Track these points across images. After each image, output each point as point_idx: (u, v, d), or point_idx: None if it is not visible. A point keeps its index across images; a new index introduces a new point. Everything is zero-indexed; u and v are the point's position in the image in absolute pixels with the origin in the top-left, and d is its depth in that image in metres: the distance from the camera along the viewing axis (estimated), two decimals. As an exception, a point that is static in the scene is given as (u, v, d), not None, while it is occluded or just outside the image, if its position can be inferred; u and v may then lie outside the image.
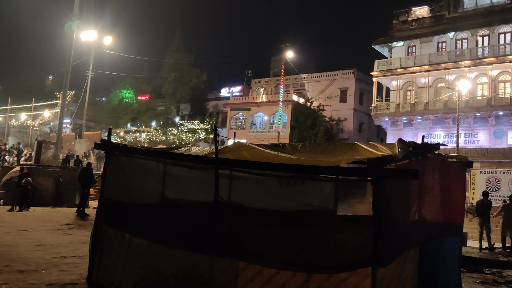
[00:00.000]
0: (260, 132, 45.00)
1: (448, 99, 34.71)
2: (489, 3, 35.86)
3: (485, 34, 35.46)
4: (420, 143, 5.30)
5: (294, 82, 48.31)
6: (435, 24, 37.88)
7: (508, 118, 33.10)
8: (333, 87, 46.20)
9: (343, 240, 4.38)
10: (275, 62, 52.35)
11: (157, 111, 55.51)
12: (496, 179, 30.80)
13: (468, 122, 34.28)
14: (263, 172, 5.03)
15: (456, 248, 6.35)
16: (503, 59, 33.20)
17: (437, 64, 36.07)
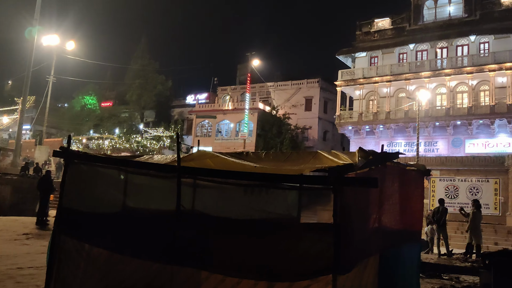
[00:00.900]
0: (226, 139, 44.93)
1: (409, 109, 35.71)
2: (447, 17, 37.24)
3: (444, 46, 36.76)
4: (380, 152, 5.43)
5: (260, 90, 48.61)
6: (396, 35, 38.99)
7: (465, 127, 34.32)
8: (299, 95, 46.75)
9: (305, 248, 4.42)
10: (241, 70, 52.56)
11: (121, 118, 54.60)
12: (454, 186, 31.90)
13: (427, 131, 35.33)
14: (226, 181, 5.03)
15: (415, 254, 6.52)
16: (461, 70, 34.49)
17: (398, 74, 37.11)
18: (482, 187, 30.78)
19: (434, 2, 37.91)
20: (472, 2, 36.16)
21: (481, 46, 35.65)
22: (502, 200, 30.00)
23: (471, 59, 34.70)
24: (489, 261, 6.89)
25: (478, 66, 33.93)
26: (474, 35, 35.17)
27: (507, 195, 29.64)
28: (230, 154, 5.73)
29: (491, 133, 33.72)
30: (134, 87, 52.23)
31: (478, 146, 34.28)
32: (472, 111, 34.02)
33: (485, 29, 34.76)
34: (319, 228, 4.67)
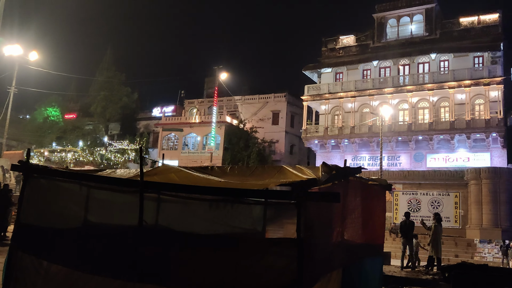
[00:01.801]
0: (192, 153, 44.62)
1: (373, 124, 36.49)
2: (409, 35, 38.48)
3: (406, 63, 37.91)
4: (343, 167, 5.53)
5: (228, 103, 48.66)
6: (360, 52, 39.95)
7: (426, 142, 35.32)
8: (266, 109, 47.06)
9: (269, 263, 4.42)
10: (209, 83, 52.51)
11: (85, 130, 53.39)
12: (417, 200, 32.67)
13: (391, 146, 36.16)
14: (190, 196, 5.00)
15: (377, 267, 6.63)
16: (422, 87, 35.60)
17: (362, 90, 37.95)
18: (443, 201, 31.65)
19: (397, 20, 39.15)
20: (433, 21, 37.55)
21: (441, 64, 36.96)
22: (462, 213, 30.92)
23: (431, 76, 35.89)
24: (448, 273, 7.08)
25: (439, 83, 35.11)
26: (435, 53, 36.45)
27: (466, 209, 30.57)
28: (195, 169, 5.71)
29: (451, 148, 34.82)
30: (99, 99, 51.29)
31: (439, 160, 35.32)
32: (433, 126, 35.09)
33: (445, 48, 36.09)
34: (283, 243, 4.69)
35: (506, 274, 7.62)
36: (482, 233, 28.62)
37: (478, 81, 33.60)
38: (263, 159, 41.75)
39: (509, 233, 28.21)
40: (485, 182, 29.57)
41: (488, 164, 32.52)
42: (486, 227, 28.95)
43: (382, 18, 39.53)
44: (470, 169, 30.89)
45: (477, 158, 33.78)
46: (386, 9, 39.40)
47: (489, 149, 33.65)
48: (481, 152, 33.89)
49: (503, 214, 28.89)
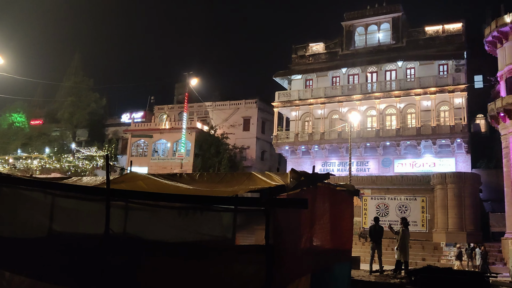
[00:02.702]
0: (162, 159, 44.13)
1: (342, 130, 36.99)
2: (377, 43, 39.26)
3: (374, 70, 38.65)
4: (311, 173, 5.59)
5: (198, 109, 48.42)
6: (330, 59, 40.51)
7: (394, 148, 36.03)
8: (237, 115, 47.05)
9: (238, 269, 4.42)
10: (179, 89, 52.12)
11: (52, 137, 52.08)
12: (385, 204, 33.23)
13: (359, 152, 36.71)
14: (158, 203, 4.96)
15: (345, 272, 6.71)
16: (389, 94, 36.35)
17: (331, 97, 38.44)
18: (410, 205, 32.31)
19: (365, 28, 39.91)
20: (399, 30, 38.45)
21: (407, 71, 37.84)
22: (428, 217, 31.63)
23: (398, 83, 36.70)
24: (415, 277, 7.22)
25: (405, 90, 35.92)
26: (401, 61, 37.31)
27: (433, 213, 31.29)
28: (163, 176, 5.66)
29: (417, 154, 35.62)
30: (66, 104, 50.17)
31: (406, 165, 36.06)
32: (400, 132, 35.83)
33: (411, 56, 36.99)
34: (252, 250, 4.70)
35: (469, 276, 7.84)
36: (448, 237, 29.33)
37: (443, 88, 34.55)
38: (234, 165, 41.68)
39: (473, 236, 29.01)
40: (451, 187, 30.36)
41: (453, 169, 33.41)
42: (451, 231, 29.68)
43: (351, 26, 40.23)
44: (436, 174, 31.67)
45: (443, 163, 34.66)
46: (354, 18, 40.11)
47: (454, 155, 34.58)
48: (446, 158, 34.80)
49: (467, 218, 29.70)
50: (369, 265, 14.98)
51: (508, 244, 26.77)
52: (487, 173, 32.80)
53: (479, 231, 29.76)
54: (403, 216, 30.40)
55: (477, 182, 30.95)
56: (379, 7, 39.49)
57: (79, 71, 53.18)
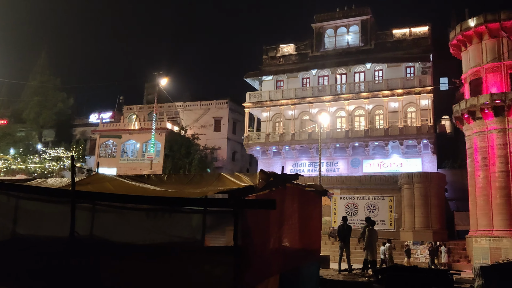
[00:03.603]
0: (132, 160, 43.54)
1: (312, 131, 37.35)
2: (346, 45, 39.83)
3: (343, 72, 39.19)
4: (280, 174, 5.63)
5: (169, 110, 48.00)
6: (300, 61, 40.84)
7: (363, 148, 36.63)
8: (208, 116, 46.89)
9: (207, 271, 4.42)
10: (149, 89, 51.51)
11: (17, 137, 50.61)
12: (354, 204, 33.73)
13: (329, 152, 37.15)
14: (125, 205, 4.90)
15: (314, 272, 6.79)
16: (358, 95, 36.94)
17: (302, 98, 38.78)
18: (378, 205, 32.92)
19: (334, 30, 40.43)
20: (368, 32, 39.12)
21: (376, 73, 38.55)
22: (396, 216, 32.29)
23: (367, 85, 37.34)
24: (382, 276, 7.36)
25: (373, 92, 36.59)
26: (370, 63, 37.97)
27: (400, 212, 31.96)
28: (131, 177, 5.60)
29: (385, 154, 36.33)
30: (32, 104, 48.90)
31: (374, 166, 36.72)
32: (368, 133, 36.46)
33: (379, 58, 37.68)
34: (221, 251, 4.71)
35: (433, 274, 8.06)
36: (415, 235, 30.00)
37: (410, 90, 35.34)
38: (205, 166, 41.50)
39: (439, 234, 29.80)
40: (417, 186, 31.08)
41: (420, 169, 34.21)
42: (418, 229, 30.38)
43: (320, 28, 40.67)
44: (403, 174, 32.36)
45: (410, 164, 35.45)
46: (324, 20, 40.56)
47: (421, 155, 35.43)
48: (413, 158, 35.61)
49: (433, 217, 30.47)
50: (338, 264, 15.19)
51: (472, 242, 27.63)
52: (452, 173, 33.73)
53: (444, 230, 30.59)
54: (371, 215, 31.07)
55: (442, 182, 31.81)
56: (348, 10, 40.08)
57: (46, 70, 51.95)
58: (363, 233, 14.81)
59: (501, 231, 26.34)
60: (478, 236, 27.28)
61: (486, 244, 26.66)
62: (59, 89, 50.56)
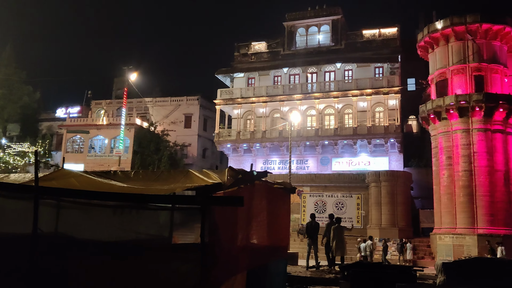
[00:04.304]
0: (99, 156, 42.78)
1: (283, 129, 37.57)
2: (317, 44, 40.20)
3: (314, 71, 39.54)
4: (249, 171, 5.65)
5: (138, 105, 47.34)
6: (272, 59, 40.97)
7: (332, 147, 37.09)
8: (178, 112, 46.49)
9: (174, 268, 4.40)
10: (118, 84, 50.70)
11: (-21, 132, 48.95)
12: (322, 201, 34.13)
13: (299, 150, 37.46)
14: (91, 202, 4.82)
15: (281, 269, 6.85)
16: (328, 94, 37.36)
17: (273, 96, 38.93)
18: (346, 202, 33.43)
19: (306, 29, 40.73)
20: (338, 32, 39.58)
21: (345, 73, 39.06)
22: (363, 214, 32.87)
23: (337, 84, 37.80)
24: (347, 272, 7.50)
25: (343, 91, 37.08)
26: (340, 62, 38.43)
27: (367, 209, 32.55)
28: (97, 173, 5.51)
29: (354, 153, 36.89)
30: (-4, 98, 47.40)
31: (343, 164, 37.24)
32: (338, 132, 36.94)
33: (349, 58, 38.19)
34: (188, 248, 4.70)
35: (397, 270, 8.25)
36: (381, 232, 30.62)
37: (378, 90, 35.99)
38: (175, 163, 41.16)
39: (405, 232, 30.50)
40: (384, 185, 31.71)
41: (387, 168, 34.89)
42: (385, 227, 31.03)
43: (292, 26, 40.90)
44: (371, 172, 32.96)
45: (377, 162, 36.11)
46: (295, 18, 40.80)
47: (388, 154, 36.14)
48: (380, 157, 36.29)
49: (399, 214, 31.17)
50: (306, 261, 15.36)
51: (436, 239, 28.41)
52: (418, 171, 34.56)
53: (410, 227, 31.34)
54: (339, 213, 31.54)
55: (408, 180, 32.56)
56: (319, 9, 40.45)
57: (11, 62, 50.31)
58: (328, 231, 14.99)
59: (464, 228, 27.18)
60: (442, 233, 28.08)
61: (449, 241, 27.47)
62: (25, 82, 49.15)
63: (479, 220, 26.97)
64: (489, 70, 29.00)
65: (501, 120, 28.15)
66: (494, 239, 25.38)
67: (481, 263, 7.97)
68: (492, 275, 7.17)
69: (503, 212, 27.12)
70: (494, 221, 26.85)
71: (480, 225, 26.89)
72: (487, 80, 28.86)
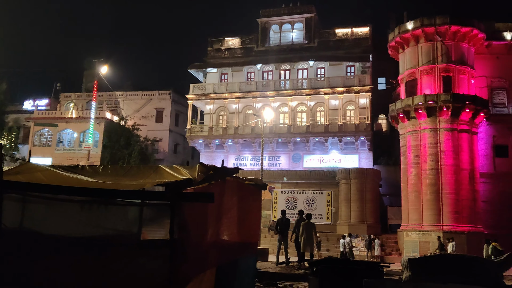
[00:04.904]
0: (68, 150, 41.90)
1: (255, 125, 37.62)
2: (290, 42, 40.37)
3: (287, 68, 39.70)
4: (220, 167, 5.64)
5: (108, 99, 46.52)
6: (245, 55, 40.91)
7: (304, 144, 37.38)
8: (149, 106, 45.93)
9: (142, 264, 4.36)
10: (88, 77, 49.64)
11: None
12: (294, 198, 34.43)
13: (271, 147, 37.61)
14: (58, 197, 4.72)
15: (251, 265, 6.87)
16: (301, 92, 37.60)
17: (246, 92, 38.91)
18: (317, 199, 33.82)
19: (279, 26, 40.83)
20: (312, 30, 39.85)
21: (318, 71, 39.37)
22: (333, 210, 33.33)
23: (309, 82, 38.09)
24: (316, 268, 7.58)
25: (316, 89, 37.38)
26: (313, 60, 38.72)
27: (337, 206, 33.02)
28: (64, 168, 5.40)
29: (325, 150, 37.29)
30: (-41, 88, 45.81)
31: (314, 161, 37.60)
32: (309, 129, 37.26)
33: (322, 56, 38.50)
34: (157, 244, 4.66)
35: (365, 266, 8.40)
36: (350, 229, 31.05)
37: (350, 89, 36.45)
38: (146, 158, 40.70)
39: (373, 228, 31.10)
40: (354, 182, 32.21)
41: (357, 165, 35.42)
42: (354, 223, 31.54)
43: (266, 23, 40.93)
44: (341, 170, 33.41)
45: (347, 160, 36.61)
46: (269, 15, 40.84)
47: (358, 152, 36.68)
48: (351, 154, 36.79)
49: (368, 211, 31.74)
50: (276, 257, 15.45)
51: (403, 235, 29.05)
52: (387, 169, 35.22)
53: (378, 224, 31.96)
54: (310, 209, 31.88)
55: (377, 178, 33.17)
56: (293, 7, 40.60)
57: (-25, 52, 48.66)
58: (297, 227, 15.12)
59: (430, 225, 27.88)
60: (409, 230, 28.72)
61: (416, 237, 28.14)
62: (-10, 73, 47.60)
63: (445, 217, 27.71)
64: (457, 71, 29.77)
65: (467, 120, 28.96)
66: (458, 236, 26.17)
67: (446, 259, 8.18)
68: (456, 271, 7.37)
69: (468, 209, 27.94)
70: (459, 218, 27.64)
71: (445, 222, 27.63)
72: (454, 81, 29.61)
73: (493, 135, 31.25)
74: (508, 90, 31.73)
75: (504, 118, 31.31)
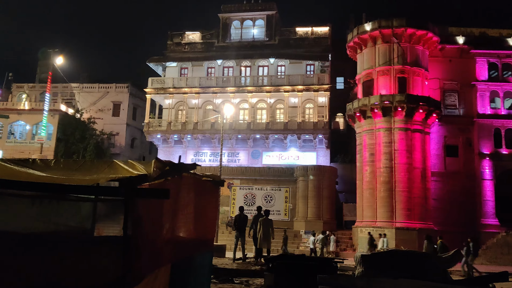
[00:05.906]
0: (20, 142, 40.37)
1: (215, 121, 37.51)
2: (251, 38, 40.42)
3: (248, 65, 39.75)
4: (177, 163, 5.58)
5: (63, 90, 45.11)
6: (206, 50, 40.64)
7: (263, 141, 37.59)
8: (106, 99, 44.86)
9: (95, 261, 4.26)
10: (42, 68, 47.87)
11: None
12: (252, 194, 34.58)
13: (231, 143, 37.59)
14: (6, 191, 4.55)
15: (206, 261, 6.85)
16: (261, 89, 37.77)
17: (206, 87, 38.69)
18: (275, 195, 34.11)
19: (241, 23, 40.79)
20: (273, 27, 40.05)
21: (278, 68, 39.65)
22: (291, 207, 33.72)
23: (270, 79, 38.31)
24: (272, 264, 7.66)
25: (276, 86, 37.66)
26: (273, 58, 38.93)
27: (295, 203, 33.43)
28: (13, 161, 5.19)
29: (284, 147, 37.65)
30: None
31: (273, 158, 37.90)
32: (269, 126, 37.50)
33: (282, 54, 38.79)
34: (110, 240, 4.57)
35: (319, 262, 8.56)
36: (307, 225, 31.58)
37: (309, 87, 36.94)
38: (101, 152, 39.78)
39: (329, 224, 31.68)
40: (311, 179, 32.71)
41: (315, 163, 35.99)
42: (310, 219, 32.03)
43: (227, 19, 40.80)
44: (299, 167, 33.84)
45: (306, 157, 37.13)
46: (231, 11, 40.73)
47: (316, 149, 37.26)
48: (309, 152, 37.33)
49: (325, 208, 32.32)
50: (233, 253, 15.50)
51: (357, 231, 29.76)
52: (343, 167, 35.97)
53: (334, 220, 32.60)
54: (268, 205, 32.14)
55: (334, 175, 33.81)
56: (254, 3, 40.68)
57: None
58: (255, 223, 15.19)
59: (384, 222, 28.70)
60: (363, 226, 29.46)
61: (370, 234, 28.87)
62: None
63: (397, 214, 28.60)
64: (412, 72, 30.71)
65: (420, 121, 29.95)
66: (409, 232, 27.10)
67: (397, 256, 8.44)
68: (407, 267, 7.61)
69: (419, 207, 28.95)
70: (411, 215, 28.59)
71: (398, 219, 28.52)
72: (409, 82, 30.55)
73: (445, 136, 32.49)
74: (460, 93, 33.05)
75: (455, 119, 32.61)
